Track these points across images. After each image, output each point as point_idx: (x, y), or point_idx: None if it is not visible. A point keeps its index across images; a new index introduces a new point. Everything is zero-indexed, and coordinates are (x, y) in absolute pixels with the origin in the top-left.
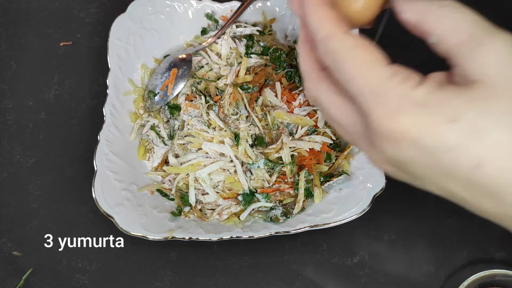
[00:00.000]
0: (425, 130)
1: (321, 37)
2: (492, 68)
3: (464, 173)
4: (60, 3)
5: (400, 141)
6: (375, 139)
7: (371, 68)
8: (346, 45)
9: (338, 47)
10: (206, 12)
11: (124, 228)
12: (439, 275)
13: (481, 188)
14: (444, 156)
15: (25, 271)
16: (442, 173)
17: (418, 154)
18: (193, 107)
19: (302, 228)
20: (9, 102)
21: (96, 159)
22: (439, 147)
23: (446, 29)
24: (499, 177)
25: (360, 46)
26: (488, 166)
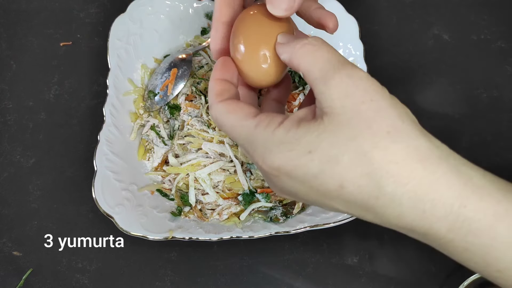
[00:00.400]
0: (291, 163)
1: (209, 106)
2: (336, 101)
3: (335, 194)
4: (60, 3)
5: (278, 175)
6: (265, 176)
7: (241, 123)
8: (222, 111)
9: (216, 113)
10: (206, 12)
11: (124, 228)
12: (439, 274)
13: (353, 204)
14: (314, 183)
15: (25, 271)
16: (322, 196)
17: (297, 184)
18: (193, 107)
19: (302, 228)
20: (9, 102)
21: (96, 159)
22: (307, 175)
23: (306, 66)
24: (360, 194)
25: (233, 109)
26: (348, 185)
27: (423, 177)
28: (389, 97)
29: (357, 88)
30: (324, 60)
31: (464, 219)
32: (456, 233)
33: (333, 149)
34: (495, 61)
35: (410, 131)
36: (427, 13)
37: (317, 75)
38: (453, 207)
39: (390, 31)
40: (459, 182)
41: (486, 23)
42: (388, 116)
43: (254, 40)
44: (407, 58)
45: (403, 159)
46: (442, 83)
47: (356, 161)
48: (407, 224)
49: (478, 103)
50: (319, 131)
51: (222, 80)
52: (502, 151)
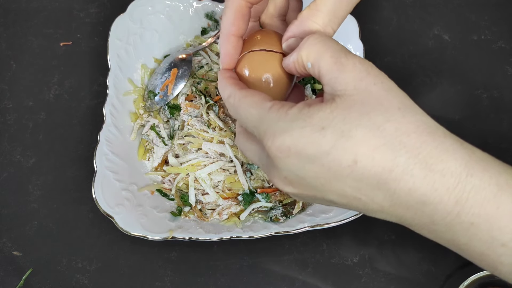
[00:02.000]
0: (303, 141)
1: (226, 98)
2: (350, 84)
3: (348, 171)
4: (60, 3)
5: (288, 156)
6: (273, 162)
7: (255, 106)
8: (239, 96)
9: (234, 100)
10: (206, 12)
11: (124, 228)
12: (439, 274)
13: (366, 181)
14: (326, 160)
15: (25, 271)
16: (332, 177)
17: (306, 164)
18: (193, 107)
19: (302, 228)
20: (9, 102)
21: (96, 159)
22: (318, 153)
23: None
24: (374, 167)
25: (248, 94)
26: (362, 158)
27: (432, 147)
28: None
29: (369, 72)
30: (334, 48)
31: (471, 189)
32: (463, 205)
33: (346, 124)
34: (496, 61)
35: (417, 109)
36: (427, 13)
37: (328, 61)
38: (461, 176)
39: (390, 31)
40: (465, 153)
41: (486, 23)
42: (397, 95)
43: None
44: (408, 58)
45: (414, 131)
46: (442, 84)
47: (369, 135)
48: (417, 199)
49: (479, 103)
50: (331, 108)
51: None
52: (503, 151)
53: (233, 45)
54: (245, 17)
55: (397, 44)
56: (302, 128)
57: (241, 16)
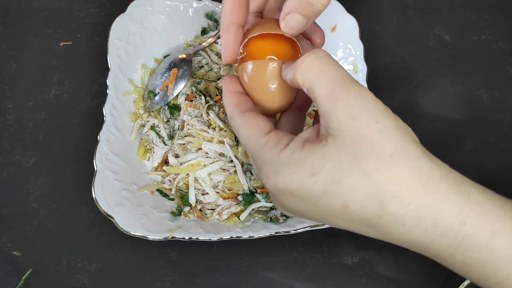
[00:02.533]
0: (294, 185)
1: (228, 117)
2: (342, 123)
3: (339, 213)
4: (60, 3)
5: (282, 194)
6: (270, 192)
7: (253, 138)
8: (239, 122)
9: (235, 124)
10: (206, 12)
11: (124, 228)
12: (439, 274)
13: (357, 222)
14: (318, 202)
15: (25, 271)
16: (325, 214)
17: (300, 202)
18: (193, 107)
19: (302, 228)
20: (9, 102)
21: (96, 159)
22: (310, 196)
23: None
24: (364, 214)
25: (249, 122)
26: (352, 205)
27: (424, 196)
28: (393, 117)
29: (363, 110)
30: (329, 76)
31: (464, 236)
32: (456, 248)
33: (336, 171)
34: (496, 61)
35: (413, 152)
36: (428, 13)
37: (322, 93)
38: (454, 224)
39: (390, 31)
40: (459, 200)
41: (487, 23)
42: (393, 138)
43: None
44: (408, 58)
45: (405, 180)
46: (443, 84)
47: (359, 183)
48: (410, 241)
49: (479, 103)
50: (323, 153)
51: (237, 92)
52: (504, 152)
53: (233, 34)
54: (244, 5)
55: (398, 44)
56: (293, 173)
57: (239, 4)
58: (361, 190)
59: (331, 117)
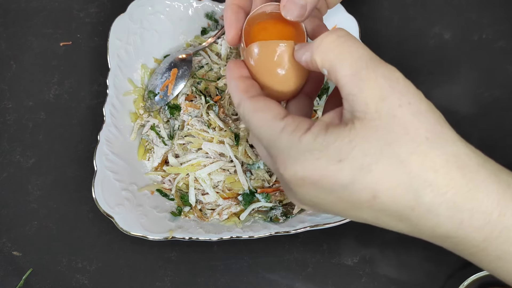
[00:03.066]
0: (317, 173)
1: (236, 105)
2: (370, 105)
3: (367, 205)
4: (60, 3)
5: (302, 185)
6: (287, 185)
7: (267, 125)
8: (250, 108)
9: (245, 111)
10: (206, 12)
11: (124, 228)
12: (439, 274)
13: (386, 214)
14: (344, 193)
15: (25, 271)
16: (350, 207)
17: (322, 194)
18: (193, 107)
19: (302, 228)
20: (9, 102)
21: (96, 159)
22: (335, 186)
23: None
24: (394, 204)
25: (261, 107)
26: (382, 195)
27: (462, 185)
28: (425, 100)
29: (394, 90)
30: (354, 56)
31: (502, 228)
32: (491, 242)
33: (366, 156)
34: (497, 60)
35: (449, 136)
36: (428, 12)
37: (346, 72)
38: (492, 216)
39: (391, 30)
40: (498, 189)
41: (487, 22)
42: (427, 120)
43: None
44: (408, 57)
45: (442, 167)
46: (443, 83)
47: (391, 170)
48: (441, 235)
49: (480, 103)
50: (350, 137)
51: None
52: (505, 151)
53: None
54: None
55: (398, 44)
56: (317, 160)
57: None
58: (393, 178)
59: (357, 99)
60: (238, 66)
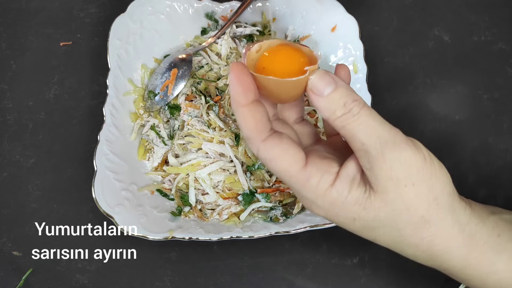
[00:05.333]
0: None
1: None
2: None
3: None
4: (60, 3)
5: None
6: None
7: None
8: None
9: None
10: (206, 12)
11: (124, 228)
12: (439, 275)
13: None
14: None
15: (25, 271)
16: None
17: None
18: (193, 107)
19: (302, 228)
20: (9, 102)
21: (96, 159)
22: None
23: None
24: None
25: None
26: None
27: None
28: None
29: (403, 171)
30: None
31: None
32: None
33: (374, 222)
34: (496, 62)
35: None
36: (427, 14)
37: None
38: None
39: (390, 31)
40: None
41: (486, 24)
42: (426, 201)
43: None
44: (408, 59)
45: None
46: (442, 84)
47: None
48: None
49: (479, 104)
50: (365, 205)
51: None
52: (503, 152)
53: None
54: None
55: (397, 45)
56: (337, 214)
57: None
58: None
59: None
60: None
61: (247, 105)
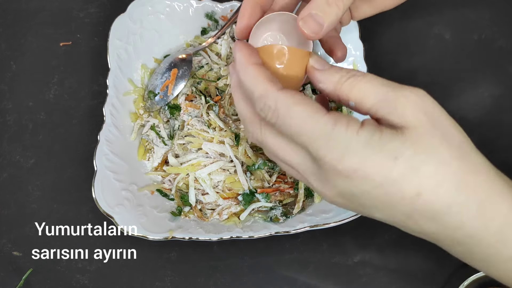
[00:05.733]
0: (374, 167)
1: (257, 96)
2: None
3: (408, 202)
4: (60, 3)
5: (352, 177)
6: (329, 177)
7: (315, 120)
8: (285, 103)
9: (278, 104)
10: (206, 12)
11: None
12: (440, 274)
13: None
14: (390, 188)
15: (25, 271)
16: (389, 204)
17: (369, 188)
18: (193, 107)
19: (302, 228)
20: (9, 102)
21: (96, 159)
22: (387, 180)
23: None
24: (435, 202)
25: (300, 101)
26: (426, 194)
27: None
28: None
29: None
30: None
31: None
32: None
33: (416, 156)
34: (497, 60)
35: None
36: (428, 12)
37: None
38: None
39: (390, 30)
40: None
41: (487, 22)
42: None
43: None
44: (408, 58)
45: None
46: (443, 83)
47: (437, 170)
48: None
49: (480, 102)
50: (402, 140)
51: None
52: (504, 150)
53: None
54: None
55: (398, 44)
56: (376, 154)
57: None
58: (437, 177)
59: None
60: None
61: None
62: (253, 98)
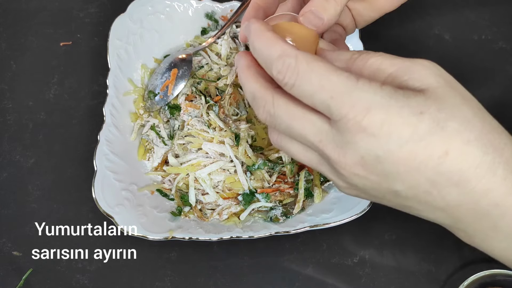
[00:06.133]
0: (400, 121)
1: (276, 56)
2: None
3: (435, 163)
4: (60, 3)
5: (377, 135)
6: (351, 139)
7: (338, 74)
8: (305, 59)
9: (298, 62)
10: (206, 12)
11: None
12: (439, 275)
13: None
14: (418, 146)
15: (25, 271)
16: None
17: (394, 146)
18: (193, 107)
19: (302, 228)
20: (9, 102)
21: (96, 159)
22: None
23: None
24: (463, 162)
25: (321, 59)
26: (454, 152)
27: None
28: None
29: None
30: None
31: None
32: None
33: (441, 113)
34: (496, 61)
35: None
36: (427, 13)
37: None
38: None
39: (390, 31)
40: None
41: (487, 23)
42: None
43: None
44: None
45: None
46: None
47: (462, 127)
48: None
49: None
50: (426, 96)
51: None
52: None
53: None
54: None
55: (397, 44)
56: (401, 108)
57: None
58: (464, 134)
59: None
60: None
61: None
62: (271, 60)
